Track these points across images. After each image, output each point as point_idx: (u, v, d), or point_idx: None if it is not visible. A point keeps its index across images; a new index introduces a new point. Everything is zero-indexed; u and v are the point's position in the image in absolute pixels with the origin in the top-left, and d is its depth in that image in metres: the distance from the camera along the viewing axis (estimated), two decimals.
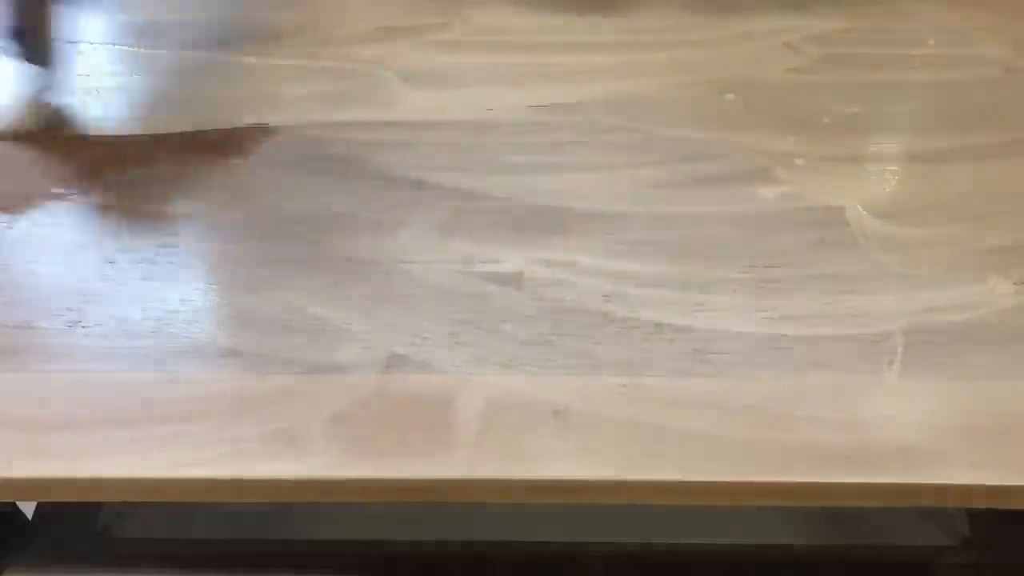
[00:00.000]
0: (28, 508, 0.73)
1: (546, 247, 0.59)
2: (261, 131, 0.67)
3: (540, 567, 0.72)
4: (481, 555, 0.71)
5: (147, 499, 0.53)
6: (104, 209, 0.62)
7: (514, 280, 0.57)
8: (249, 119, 0.68)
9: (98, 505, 0.73)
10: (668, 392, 0.52)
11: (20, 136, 0.67)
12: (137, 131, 0.67)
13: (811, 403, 0.51)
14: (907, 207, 0.61)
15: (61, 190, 0.63)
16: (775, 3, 0.76)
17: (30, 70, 0.67)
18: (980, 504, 0.51)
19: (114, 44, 0.74)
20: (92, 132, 0.68)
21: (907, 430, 0.50)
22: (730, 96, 0.69)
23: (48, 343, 0.54)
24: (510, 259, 0.58)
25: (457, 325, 0.55)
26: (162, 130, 0.67)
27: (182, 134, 0.67)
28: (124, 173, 0.64)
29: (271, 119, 0.68)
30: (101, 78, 0.72)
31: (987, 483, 0.48)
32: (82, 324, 0.55)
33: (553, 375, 0.52)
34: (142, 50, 0.74)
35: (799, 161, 0.64)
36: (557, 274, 0.57)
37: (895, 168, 0.64)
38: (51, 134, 0.67)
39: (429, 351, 0.54)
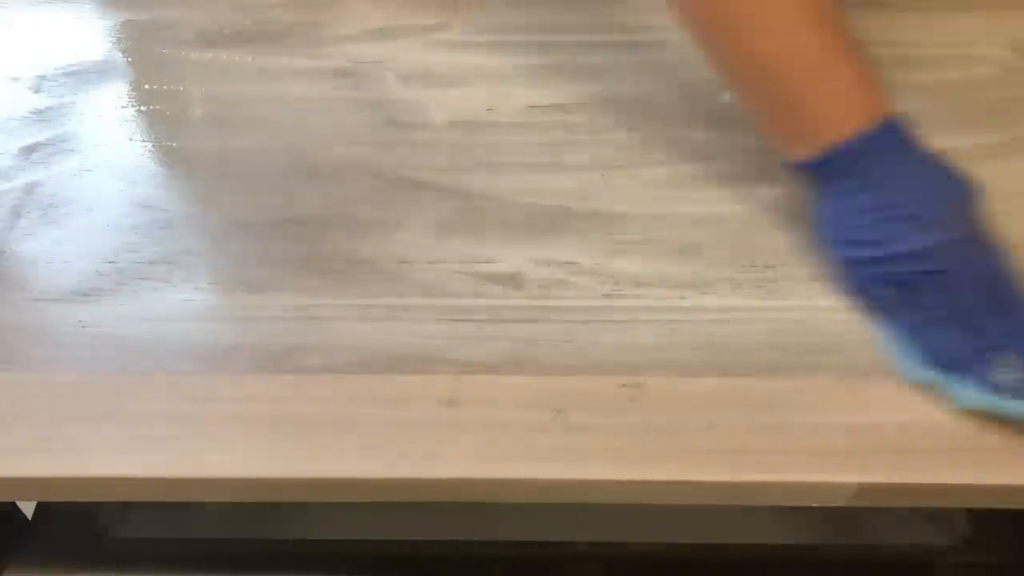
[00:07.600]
0: (28, 508, 0.73)
1: (546, 247, 0.59)
2: (261, 130, 0.67)
3: (540, 567, 0.71)
4: (481, 555, 0.71)
5: (147, 499, 0.53)
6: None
7: (514, 280, 0.57)
8: (248, 118, 0.68)
9: (98, 505, 0.73)
10: (668, 392, 0.52)
11: None
12: None
13: (811, 403, 0.51)
14: None
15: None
16: None
17: None
18: (980, 504, 0.51)
19: (115, 42, 0.74)
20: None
21: (907, 430, 0.50)
22: (730, 96, 0.69)
23: (49, 343, 0.54)
24: (510, 259, 0.58)
25: (457, 325, 0.55)
26: None
27: None
28: None
29: (271, 118, 0.68)
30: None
31: (987, 483, 0.48)
32: (82, 324, 0.55)
33: (553, 375, 0.52)
34: (143, 48, 0.74)
35: None
36: (557, 274, 0.57)
37: None
38: None
39: (429, 351, 0.54)
